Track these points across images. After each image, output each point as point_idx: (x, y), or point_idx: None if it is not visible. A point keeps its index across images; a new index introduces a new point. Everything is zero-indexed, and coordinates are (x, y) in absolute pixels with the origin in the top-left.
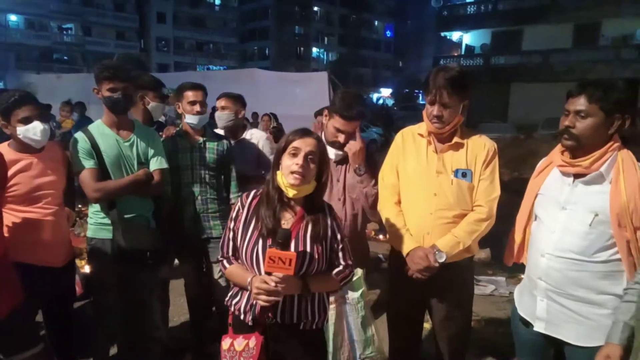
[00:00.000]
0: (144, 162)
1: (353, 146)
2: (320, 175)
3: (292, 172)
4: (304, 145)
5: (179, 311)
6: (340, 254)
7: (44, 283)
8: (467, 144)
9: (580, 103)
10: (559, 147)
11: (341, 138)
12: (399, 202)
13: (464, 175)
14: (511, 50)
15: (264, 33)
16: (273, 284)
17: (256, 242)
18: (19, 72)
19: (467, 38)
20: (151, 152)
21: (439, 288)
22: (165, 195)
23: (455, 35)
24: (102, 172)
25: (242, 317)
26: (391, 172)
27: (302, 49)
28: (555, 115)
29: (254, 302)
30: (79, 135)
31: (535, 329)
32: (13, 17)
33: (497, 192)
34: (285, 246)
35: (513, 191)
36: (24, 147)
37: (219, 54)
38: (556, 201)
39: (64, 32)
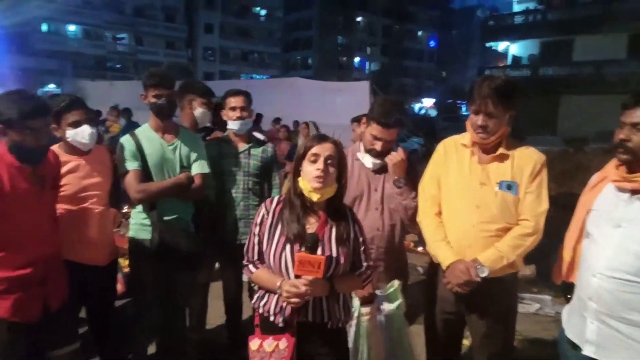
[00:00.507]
0: (186, 166)
1: (394, 157)
2: (340, 177)
3: (315, 177)
4: (323, 150)
5: (216, 314)
6: (363, 256)
7: (87, 281)
8: (513, 156)
9: (637, 115)
10: (614, 161)
11: (378, 146)
12: (439, 214)
13: (508, 187)
14: (561, 61)
15: (307, 43)
16: (303, 287)
17: (284, 247)
18: (75, 79)
19: (513, 48)
20: (194, 156)
21: (480, 303)
22: (208, 199)
23: (501, 46)
24: (145, 175)
25: (271, 318)
26: (432, 183)
27: (344, 58)
28: (608, 129)
29: (284, 304)
30: (126, 138)
31: (584, 352)
32: (72, 27)
33: (545, 206)
34: (313, 250)
35: (561, 206)
36: (73, 149)
37: (263, 63)
38: (610, 218)
39: (118, 41)
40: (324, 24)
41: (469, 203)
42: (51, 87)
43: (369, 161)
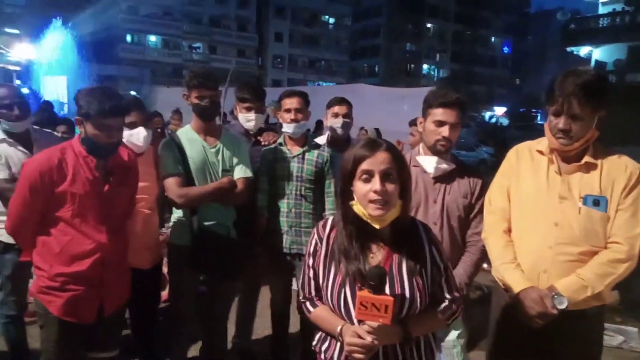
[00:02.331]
0: (228, 170)
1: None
2: (405, 192)
3: (372, 201)
4: (376, 164)
5: (263, 324)
6: (445, 286)
7: (132, 284)
8: (602, 165)
9: None
10: None
11: (445, 131)
12: (508, 231)
13: (596, 203)
14: None
15: (375, 50)
16: (369, 338)
17: (342, 284)
18: (153, 86)
19: (597, 53)
20: (236, 159)
21: (556, 339)
22: (254, 205)
23: (583, 51)
24: (187, 178)
25: None
26: (501, 195)
27: (412, 65)
28: None
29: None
30: (168, 140)
31: None
32: (152, 38)
33: None
34: (379, 288)
35: None
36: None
37: (330, 71)
38: None
39: (194, 50)
40: (392, 31)
41: (546, 220)
42: (132, 93)
43: (430, 165)
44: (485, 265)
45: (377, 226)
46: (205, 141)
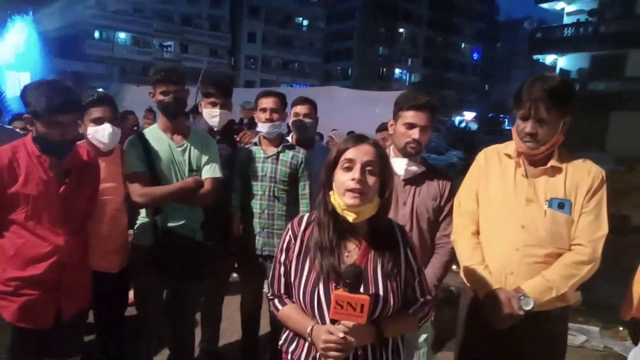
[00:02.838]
0: (196, 170)
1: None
2: (384, 189)
3: (349, 190)
4: (360, 154)
5: (233, 327)
6: (418, 288)
7: (97, 289)
8: (567, 169)
9: None
10: None
11: (415, 134)
12: (477, 233)
13: (560, 206)
14: (612, 76)
15: (348, 53)
16: (342, 334)
17: (316, 282)
18: (122, 84)
19: (562, 62)
20: (205, 159)
21: (522, 340)
22: (233, 205)
23: (549, 59)
24: (152, 177)
25: None
26: (470, 197)
27: (384, 69)
28: None
29: (317, 354)
30: (133, 138)
31: None
32: (122, 35)
33: (604, 229)
34: (354, 287)
35: (611, 229)
36: (94, 149)
37: (303, 73)
38: None
39: (165, 48)
40: (366, 34)
41: (513, 222)
42: (100, 91)
43: (400, 167)
44: (454, 267)
45: (350, 219)
46: (172, 140)
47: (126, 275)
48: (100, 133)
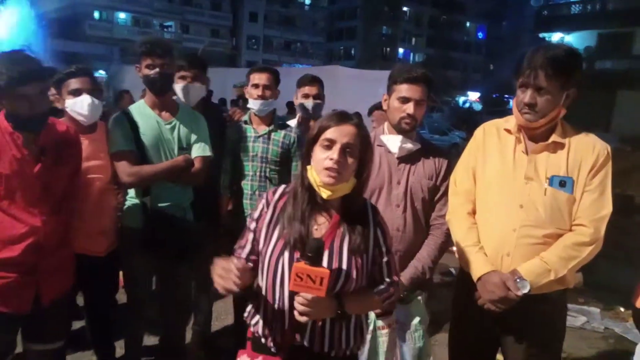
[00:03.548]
0: (185, 148)
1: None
2: (362, 171)
3: (326, 169)
4: (341, 135)
5: (228, 309)
6: (385, 269)
7: (85, 272)
8: (570, 145)
9: None
10: None
11: (410, 108)
12: (473, 213)
13: (562, 184)
14: (619, 54)
15: (351, 33)
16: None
17: (281, 252)
18: (122, 65)
19: (568, 40)
20: (194, 137)
21: (517, 324)
22: (222, 185)
23: (555, 37)
24: (140, 155)
25: (262, 340)
26: (466, 175)
27: (388, 49)
28: None
29: (275, 324)
30: (119, 114)
31: None
32: (122, 15)
33: (608, 209)
34: (316, 260)
35: (616, 210)
36: (76, 125)
37: (306, 53)
38: None
39: (165, 29)
40: (369, 13)
41: (511, 201)
42: (101, 72)
43: (394, 144)
44: (453, 248)
45: (324, 195)
46: (160, 117)
47: (115, 259)
48: (79, 104)
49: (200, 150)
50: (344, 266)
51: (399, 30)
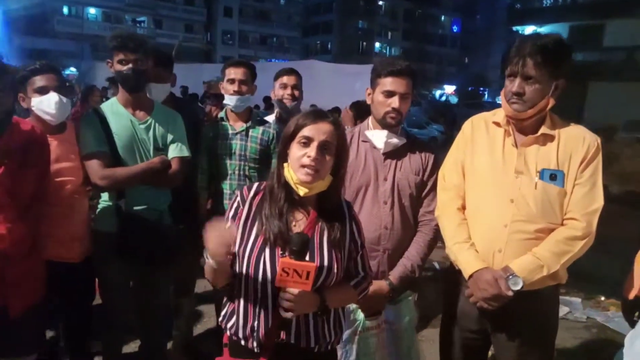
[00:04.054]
0: (161, 148)
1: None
2: (338, 168)
3: (303, 166)
4: (318, 133)
5: (211, 311)
6: (360, 262)
7: (59, 280)
8: (559, 137)
9: None
10: None
11: (395, 102)
12: (462, 209)
13: (552, 177)
14: (590, 47)
15: (327, 27)
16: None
17: (262, 249)
18: (94, 62)
19: (541, 32)
20: (170, 137)
21: (510, 322)
22: (199, 185)
23: (528, 30)
24: (113, 157)
25: (242, 343)
26: (455, 170)
27: (364, 43)
28: (638, 117)
29: (256, 324)
30: (89, 114)
31: None
32: (92, 10)
33: (599, 202)
34: (301, 255)
35: None
36: (45, 126)
37: (282, 48)
38: None
39: (138, 24)
40: (345, 8)
41: (501, 196)
42: (72, 70)
43: (380, 139)
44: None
45: (301, 193)
46: (134, 116)
47: (91, 265)
48: (46, 103)
49: (177, 151)
50: (326, 260)
51: (375, 24)
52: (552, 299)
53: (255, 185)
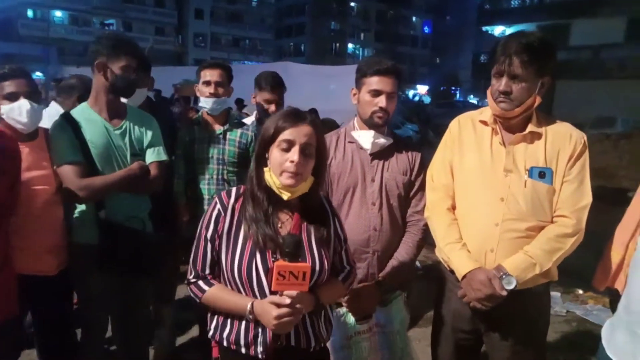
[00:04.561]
0: (138, 154)
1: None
2: (319, 169)
3: (285, 172)
4: (299, 135)
5: (192, 321)
6: (344, 256)
7: (34, 295)
8: (546, 134)
9: None
10: None
11: (382, 101)
12: (452, 208)
13: (541, 175)
14: (558, 46)
15: (300, 29)
16: (288, 301)
17: (252, 254)
18: (61, 66)
19: (510, 32)
20: (147, 141)
21: (503, 321)
22: (176, 190)
23: (497, 30)
24: (88, 166)
25: (242, 351)
26: (443, 170)
27: (337, 44)
28: (605, 114)
29: (260, 330)
30: (60, 121)
31: None
32: (58, 13)
33: (588, 198)
34: (295, 256)
35: None
36: (15, 133)
37: (255, 50)
38: None
39: (106, 27)
40: (317, 9)
41: (491, 195)
42: (38, 74)
43: (367, 140)
44: None
45: (284, 197)
46: (109, 122)
47: (67, 278)
48: (17, 110)
49: (155, 155)
50: (317, 259)
51: (347, 25)
52: (543, 296)
53: (234, 190)
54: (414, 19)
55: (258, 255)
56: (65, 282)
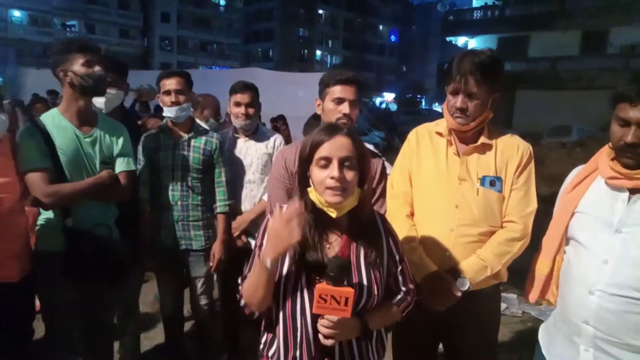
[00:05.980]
0: (108, 162)
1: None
2: (363, 180)
3: (329, 188)
4: (335, 150)
5: (158, 327)
6: (400, 278)
7: None
8: (496, 146)
9: None
10: (604, 155)
11: (345, 108)
12: (411, 215)
13: (492, 183)
14: (517, 57)
15: (269, 35)
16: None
17: (298, 276)
18: (19, 68)
19: (472, 43)
20: (117, 150)
21: (458, 321)
22: (141, 197)
23: (460, 41)
24: (57, 172)
25: None
26: (402, 178)
27: (306, 51)
28: (562, 123)
29: (298, 353)
30: (29, 126)
31: None
32: (17, 13)
33: (534, 205)
34: (339, 280)
35: None
36: None
37: (223, 55)
38: (606, 222)
39: (68, 29)
40: (286, 15)
41: (447, 202)
42: None
43: None
44: None
45: (333, 215)
46: (79, 129)
47: (30, 285)
48: None
49: (124, 165)
50: (365, 282)
51: (315, 32)
52: (494, 296)
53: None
54: (381, 27)
55: (304, 276)
56: (28, 289)
